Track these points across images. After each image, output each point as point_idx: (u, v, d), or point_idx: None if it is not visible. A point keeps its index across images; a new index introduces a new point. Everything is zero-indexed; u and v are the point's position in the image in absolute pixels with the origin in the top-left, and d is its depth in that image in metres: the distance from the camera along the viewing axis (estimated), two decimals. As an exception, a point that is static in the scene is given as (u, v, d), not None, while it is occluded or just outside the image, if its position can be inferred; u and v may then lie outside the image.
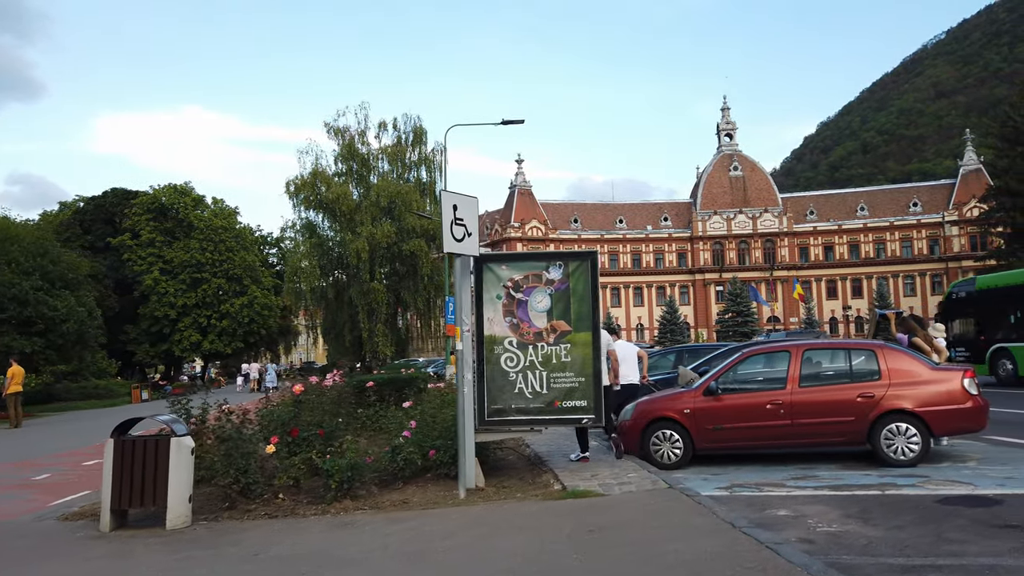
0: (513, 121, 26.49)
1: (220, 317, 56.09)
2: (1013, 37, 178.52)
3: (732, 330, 63.73)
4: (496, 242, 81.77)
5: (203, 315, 55.75)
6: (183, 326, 55.20)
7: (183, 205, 56.78)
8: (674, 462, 8.70)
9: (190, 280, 54.83)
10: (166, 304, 54.21)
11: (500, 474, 8.22)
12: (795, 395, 8.41)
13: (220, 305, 55.94)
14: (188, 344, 55.69)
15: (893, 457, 8.03)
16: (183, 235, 56.12)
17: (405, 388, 14.55)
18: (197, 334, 55.79)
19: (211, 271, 55.48)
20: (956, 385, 8.04)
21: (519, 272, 7.62)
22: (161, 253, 54.80)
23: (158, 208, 56.48)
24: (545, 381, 7.52)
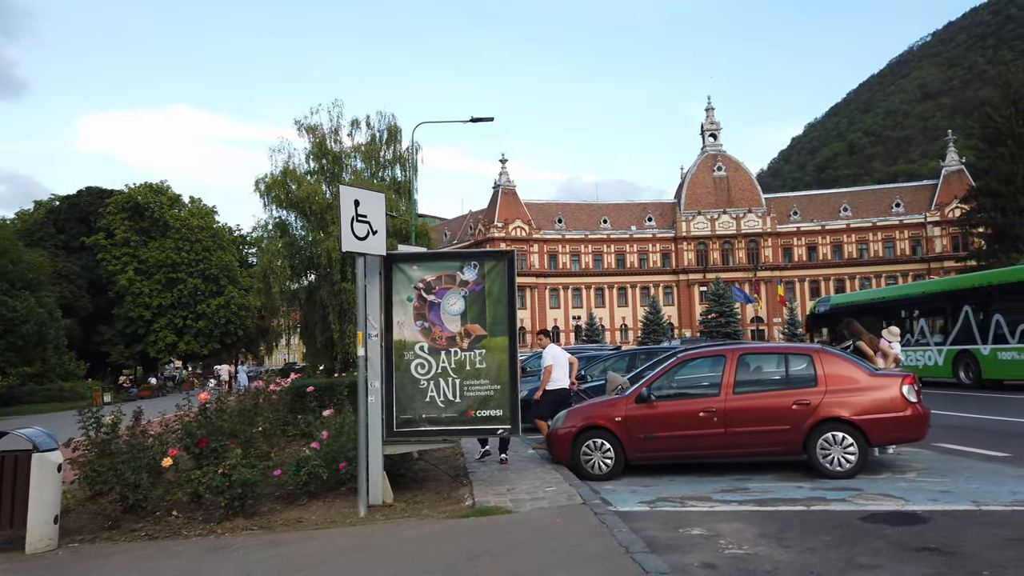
0: (482, 119, 26.12)
1: (196, 318, 55.35)
2: (998, 39, 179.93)
3: (715, 331, 63.52)
4: (479, 242, 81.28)
5: (179, 316, 55.00)
6: (158, 327, 54.42)
7: (158, 204, 55.98)
8: (605, 473, 8.28)
9: (165, 280, 54.07)
10: (141, 304, 53.43)
11: (417, 488, 7.76)
12: (729, 402, 8.01)
13: (196, 306, 55.20)
14: (164, 345, 54.88)
15: (829, 468, 7.63)
16: (159, 234, 55.35)
17: (348, 392, 14.05)
18: (173, 335, 55.01)
19: (187, 271, 54.75)
20: (895, 392, 7.64)
21: (431, 273, 7.17)
22: (136, 253, 54.01)
23: (133, 207, 55.67)
24: (458, 389, 7.07)
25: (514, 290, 7.18)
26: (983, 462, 8.23)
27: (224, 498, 6.41)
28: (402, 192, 37.07)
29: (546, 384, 9.74)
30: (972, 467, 7.94)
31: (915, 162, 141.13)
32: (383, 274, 7.08)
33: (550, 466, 8.62)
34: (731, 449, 8.03)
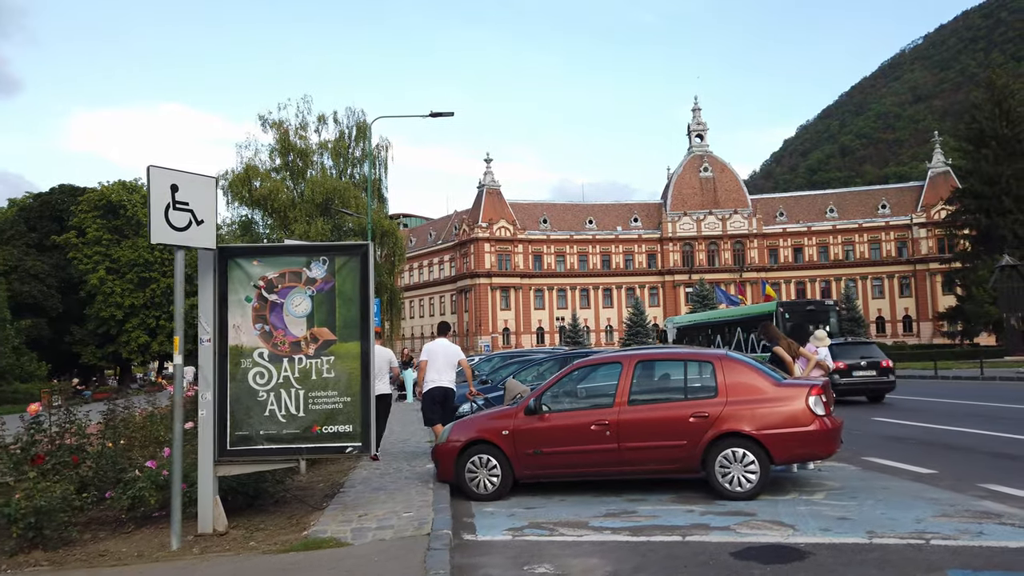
0: (442, 113, 25.29)
1: (169, 318, 54.33)
2: (989, 43, 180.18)
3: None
4: (464, 242, 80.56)
5: (151, 316, 54.01)
6: (130, 327, 53.43)
7: (132, 202, 54.99)
8: (491, 492, 7.50)
9: (138, 280, 53.10)
10: (113, 304, 52.44)
11: (274, 510, 6.95)
12: (623, 415, 7.23)
13: (169, 306, 54.17)
14: (136, 346, 53.90)
15: (728, 488, 6.86)
16: (132, 233, 54.36)
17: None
18: (145, 335, 54.02)
19: (160, 270, 53.77)
20: (800, 404, 6.87)
21: (274, 269, 6.36)
22: (108, 252, 53.00)
23: (105, 205, 54.65)
24: (302, 401, 6.26)
25: (369, 288, 6.38)
26: (905, 480, 7.48)
27: (16, 528, 5.59)
28: (372, 189, 36.36)
29: (422, 384, 9.13)
30: (890, 487, 7.19)
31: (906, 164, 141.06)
32: (217, 270, 6.27)
33: (434, 484, 7.83)
34: (625, 466, 7.25)
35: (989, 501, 6.31)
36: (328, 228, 32.30)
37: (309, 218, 32.18)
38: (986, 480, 7.15)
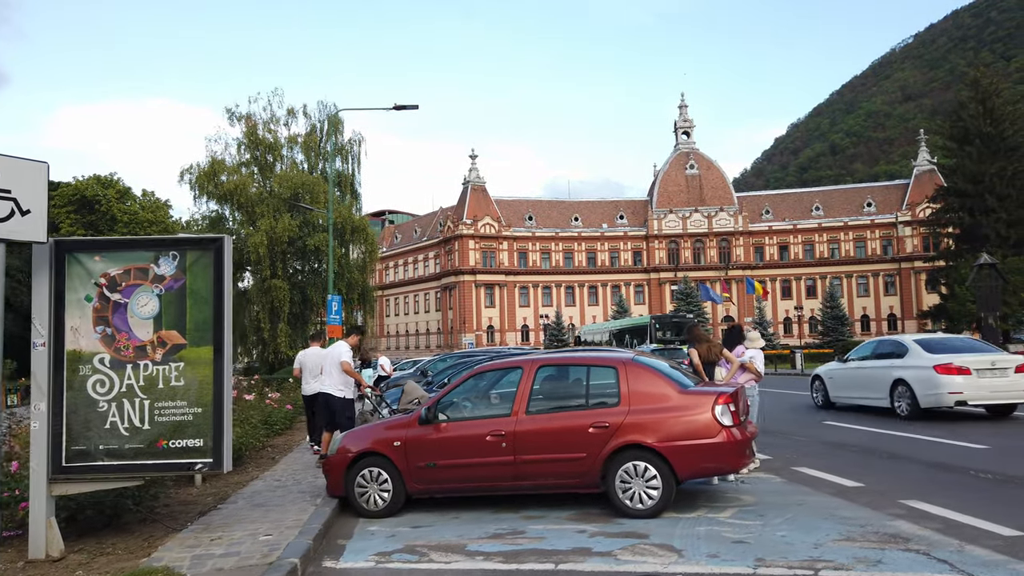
0: (406, 106, 24.57)
1: (145, 315, 53.58)
2: (978, 42, 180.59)
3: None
4: (448, 239, 79.91)
5: (126, 313, 53.17)
6: (105, 324, 52.58)
7: (106, 197, 54.12)
8: (381, 509, 6.93)
9: (113, 276, 52.23)
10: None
11: (129, 533, 6.31)
12: (521, 425, 6.66)
13: (145, 302, 53.41)
14: (111, 343, 53.07)
15: (629, 505, 6.31)
16: (106, 228, 53.47)
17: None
18: (120, 332, 53.19)
19: (135, 266, 52.93)
20: (705, 414, 6.31)
21: (117, 265, 5.75)
22: (82, 247, 52.13)
23: (80, 200, 53.75)
24: (147, 413, 5.67)
25: (224, 287, 5.78)
26: (825, 495, 6.94)
27: None
28: (343, 185, 35.66)
29: None
30: (806, 503, 6.64)
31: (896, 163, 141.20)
32: (54, 266, 5.66)
33: (322, 500, 7.24)
34: (522, 481, 6.68)
35: (903, 521, 5.77)
36: (296, 224, 31.63)
37: (276, 213, 31.49)
38: (911, 495, 6.62)
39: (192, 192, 33.20)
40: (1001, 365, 12.28)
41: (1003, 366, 12.26)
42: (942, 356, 12.43)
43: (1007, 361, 12.50)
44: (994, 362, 12.29)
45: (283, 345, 31.95)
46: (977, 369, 12.08)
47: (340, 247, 33.15)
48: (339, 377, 8.85)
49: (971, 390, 12.01)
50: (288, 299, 31.85)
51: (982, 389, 12.05)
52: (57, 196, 53.80)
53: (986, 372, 12.13)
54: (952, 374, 12.04)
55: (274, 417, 13.95)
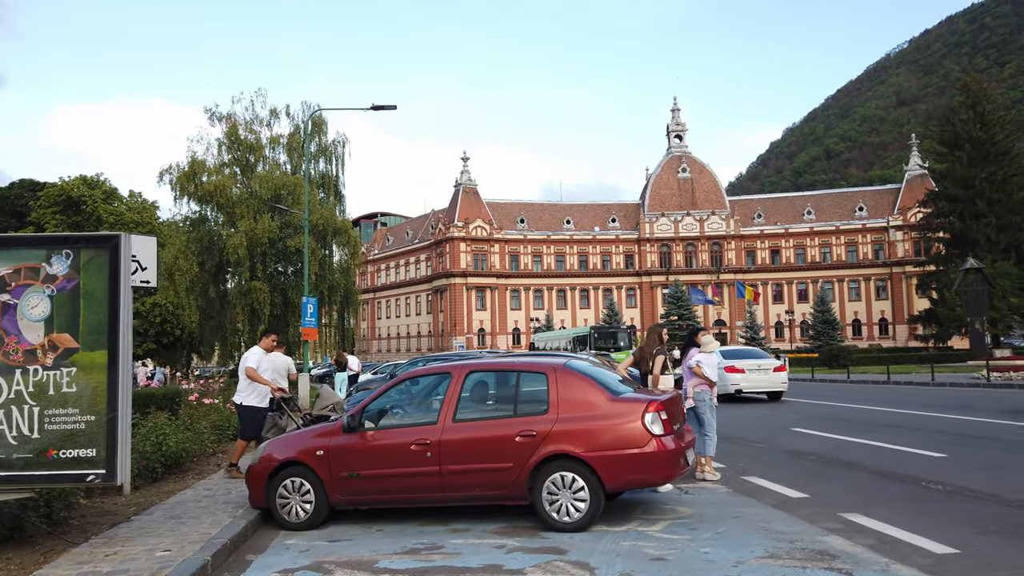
0: (384, 107, 24.30)
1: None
2: (973, 48, 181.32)
3: (673, 333, 62.23)
4: (439, 241, 79.64)
5: (111, 314, 52.75)
6: (90, 326, 52.17)
7: (92, 198, 53.71)
8: (303, 521, 6.62)
9: (97, 277, 51.82)
10: (71, 302, 51.16)
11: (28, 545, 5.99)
12: (447, 433, 6.36)
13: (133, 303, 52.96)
14: (96, 345, 52.62)
15: (556, 518, 6.01)
16: (92, 229, 53.05)
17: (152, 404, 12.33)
18: (105, 334, 52.77)
19: (120, 268, 52.55)
20: (635, 422, 6.01)
21: (7, 264, 5.44)
22: (67, 248, 51.73)
23: (65, 201, 53.34)
24: (37, 421, 5.35)
25: (120, 287, 5.48)
26: (766, 507, 6.65)
27: None
28: (327, 186, 35.33)
29: None
30: (744, 515, 6.35)
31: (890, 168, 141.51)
32: (-61, 266, 5.35)
33: (243, 511, 6.93)
34: (448, 492, 6.38)
35: (837, 537, 5.48)
36: (276, 225, 31.26)
37: (257, 214, 31.12)
38: (854, 508, 6.33)
39: (173, 193, 32.81)
40: (765, 367, 18.68)
41: (766, 368, 18.66)
42: (730, 360, 18.36)
43: (769, 364, 18.89)
44: (760, 365, 18.72)
45: (263, 348, 31.58)
46: (749, 369, 18.47)
47: (322, 249, 32.81)
48: (245, 383, 8.69)
49: (745, 383, 18.32)
50: (269, 301, 31.43)
51: (752, 382, 18.40)
52: (43, 197, 53.49)
53: (755, 371, 18.48)
54: (734, 372, 18.20)
55: (232, 421, 13.63)
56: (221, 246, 31.97)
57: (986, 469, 8.13)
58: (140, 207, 56.90)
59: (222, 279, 32.94)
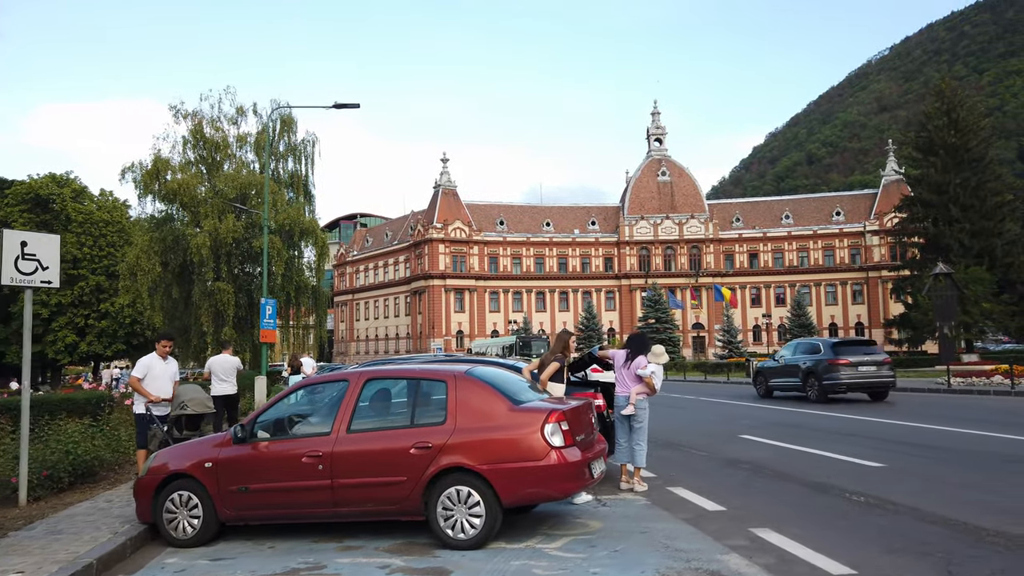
0: (346, 105, 23.91)
1: (99, 317, 52.19)
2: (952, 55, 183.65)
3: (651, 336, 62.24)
4: (418, 243, 79.15)
5: (80, 315, 51.78)
6: (57, 326, 51.20)
7: (61, 197, 52.74)
8: (191, 537, 6.25)
9: (65, 277, 50.80)
10: (38, 302, 50.11)
11: None
12: (340, 445, 6.02)
13: (99, 304, 52.02)
14: (63, 346, 51.61)
15: (451, 536, 5.69)
16: (60, 228, 52.04)
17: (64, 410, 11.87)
18: (73, 335, 51.78)
19: (89, 267, 51.60)
20: (534, 433, 5.70)
21: None
22: (35, 247, 50.72)
23: (33, 199, 52.33)
24: None
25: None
26: (677, 521, 6.37)
27: None
28: (295, 186, 34.83)
29: None
30: (651, 530, 6.06)
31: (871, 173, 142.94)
32: None
33: (130, 526, 6.54)
34: (340, 507, 6.03)
35: (736, 555, 5.20)
36: (240, 225, 30.75)
37: (221, 214, 30.58)
38: (766, 522, 6.06)
39: (136, 191, 32.21)
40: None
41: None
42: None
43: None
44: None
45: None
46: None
47: (290, 250, 32.33)
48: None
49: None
50: (233, 302, 30.91)
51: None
52: (10, 195, 52.44)
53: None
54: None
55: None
56: (185, 246, 31.39)
57: (917, 480, 7.91)
58: (111, 206, 55.95)
59: (187, 280, 32.32)
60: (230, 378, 12.10)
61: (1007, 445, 10.23)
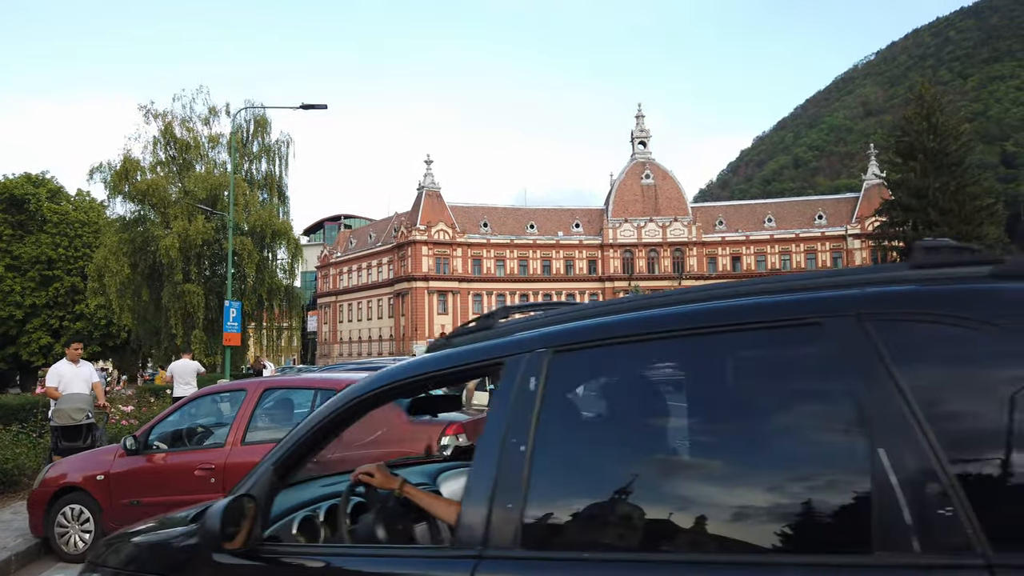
0: (314, 106, 23.75)
1: (75, 318, 51.57)
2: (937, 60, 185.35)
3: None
4: (401, 245, 78.84)
5: (55, 316, 51.16)
6: (31, 328, 50.55)
7: (37, 197, 52.10)
8: (83, 552, 6.02)
9: (40, 278, 50.24)
10: (12, 304, 49.51)
11: None
12: (233, 456, 5.82)
13: (74, 306, 51.40)
14: (37, 347, 50.96)
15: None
16: (36, 229, 51.49)
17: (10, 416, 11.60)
18: (48, 336, 51.11)
19: (64, 268, 50.99)
20: (430, 444, 5.53)
21: None
22: (9, 248, 50.10)
23: (8, 199, 51.65)
24: None
25: None
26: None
27: None
28: (269, 187, 34.56)
29: None
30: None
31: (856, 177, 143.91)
32: None
33: (24, 539, 6.32)
34: (234, 520, 5.82)
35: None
36: (211, 227, 30.45)
37: (191, 215, 30.27)
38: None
39: (106, 192, 31.90)
40: None
41: None
42: None
43: None
44: None
45: (198, 352, 30.65)
46: None
47: (261, 251, 32.06)
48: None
49: None
50: (203, 304, 30.61)
51: None
52: (-16, 195, 51.76)
53: None
54: None
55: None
56: (154, 248, 31.06)
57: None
58: (87, 206, 55.32)
59: (156, 282, 31.97)
60: (191, 382, 12.49)
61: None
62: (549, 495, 1.48)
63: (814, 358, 1.31)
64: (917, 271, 1.35)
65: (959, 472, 1.06)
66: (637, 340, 1.54)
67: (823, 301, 1.30)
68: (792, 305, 1.34)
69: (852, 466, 1.19)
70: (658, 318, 1.55)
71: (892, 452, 1.12)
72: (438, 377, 1.88)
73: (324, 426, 2.09)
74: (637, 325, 1.56)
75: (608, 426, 1.61)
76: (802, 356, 1.35)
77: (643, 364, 1.58)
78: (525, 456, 1.49)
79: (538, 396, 1.56)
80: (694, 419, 1.48)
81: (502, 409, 1.60)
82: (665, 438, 1.53)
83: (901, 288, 1.31)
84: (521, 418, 1.55)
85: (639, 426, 1.57)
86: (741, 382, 1.46)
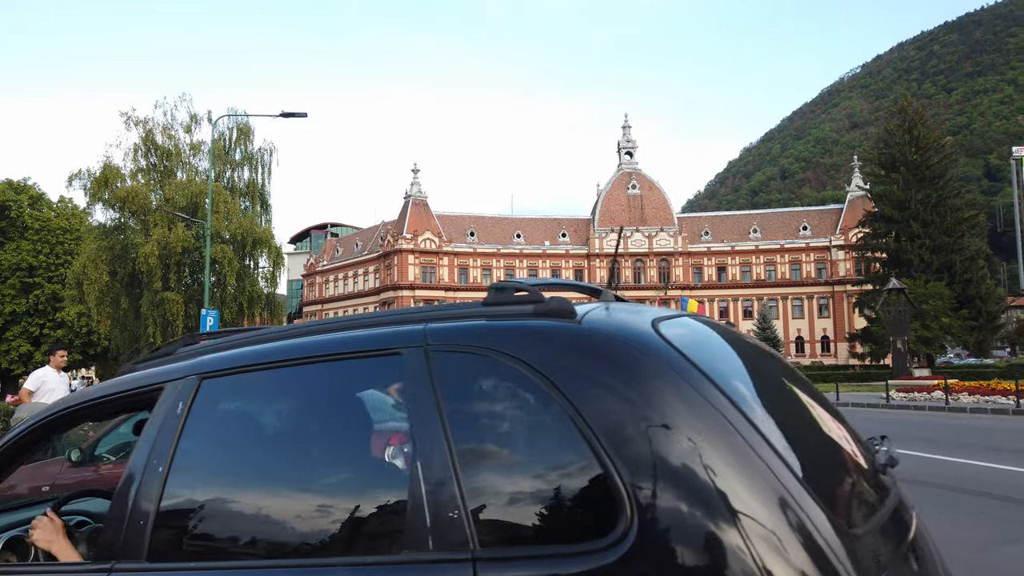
0: (294, 114, 23.74)
1: (55, 326, 51.10)
2: (922, 74, 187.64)
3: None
4: (387, 253, 78.74)
5: (35, 324, 50.69)
6: (11, 335, 50.04)
7: (18, 203, 51.72)
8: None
9: (20, 285, 49.81)
10: (-8, 310, 49.08)
11: None
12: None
13: (55, 313, 50.95)
14: (17, 355, 50.47)
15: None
16: (17, 236, 51.08)
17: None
18: (28, 344, 50.61)
19: (45, 276, 50.57)
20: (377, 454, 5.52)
21: None
22: (-12, 255, 49.70)
23: (-12, 205, 51.27)
24: None
25: None
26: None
27: None
28: (251, 195, 34.47)
29: None
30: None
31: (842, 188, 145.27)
32: None
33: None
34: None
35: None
36: (191, 234, 30.31)
37: (171, 223, 30.13)
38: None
39: (86, 198, 31.72)
40: None
41: None
42: None
43: None
44: None
45: (176, 361, 30.50)
46: None
47: (242, 259, 31.93)
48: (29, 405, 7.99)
49: None
50: (183, 312, 30.46)
51: None
52: (-35, 202, 51.31)
53: None
54: None
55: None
56: (133, 255, 30.87)
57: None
58: (69, 213, 54.93)
59: (136, 290, 31.76)
60: None
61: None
62: (175, 512, 1.61)
63: (396, 383, 1.55)
64: (485, 308, 1.54)
65: (466, 483, 1.27)
66: (263, 368, 1.70)
67: (404, 335, 1.52)
68: (381, 338, 1.57)
69: (400, 477, 1.41)
70: (281, 349, 1.71)
71: (426, 465, 1.32)
72: (114, 402, 1.93)
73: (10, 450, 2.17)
74: (263, 355, 1.72)
75: (228, 447, 1.73)
76: (388, 381, 1.60)
77: (267, 390, 1.73)
78: (162, 476, 1.61)
79: (182, 420, 1.67)
80: (295, 437, 1.65)
81: (150, 433, 1.71)
82: (270, 457, 1.66)
83: (452, 324, 1.51)
84: (165, 441, 1.66)
85: (253, 447, 1.70)
86: (335, 405, 1.65)
